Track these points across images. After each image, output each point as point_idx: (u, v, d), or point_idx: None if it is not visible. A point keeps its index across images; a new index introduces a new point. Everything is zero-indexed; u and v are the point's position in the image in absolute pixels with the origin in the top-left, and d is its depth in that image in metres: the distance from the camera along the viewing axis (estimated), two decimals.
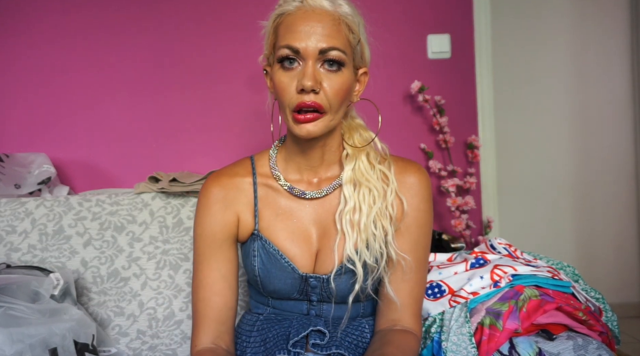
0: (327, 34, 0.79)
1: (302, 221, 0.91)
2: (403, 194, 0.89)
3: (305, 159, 0.90)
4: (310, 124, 0.80)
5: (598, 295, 1.11)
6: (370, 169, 0.89)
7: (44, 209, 1.35)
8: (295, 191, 0.91)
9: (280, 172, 0.92)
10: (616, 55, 2.51)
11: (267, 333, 0.92)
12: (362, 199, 0.86)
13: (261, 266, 0.90)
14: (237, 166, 0.96)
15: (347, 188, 0.87)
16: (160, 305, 1.32)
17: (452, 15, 1.87)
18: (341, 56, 0.80)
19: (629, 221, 2.56)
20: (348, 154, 0.90)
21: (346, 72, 0.82)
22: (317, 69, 0.80)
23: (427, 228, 0.92)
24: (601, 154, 2.53)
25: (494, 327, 0.94)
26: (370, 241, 0.85)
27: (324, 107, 0.80)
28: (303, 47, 0.78)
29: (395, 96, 1.85)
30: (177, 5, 1.77)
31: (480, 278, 1.02)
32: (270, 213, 0.92)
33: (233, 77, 1.78)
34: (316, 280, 0.89)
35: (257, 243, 0.91)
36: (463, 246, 1.58)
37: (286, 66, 0.81)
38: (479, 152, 1.85)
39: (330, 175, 0.92)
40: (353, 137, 0.91)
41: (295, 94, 0.79)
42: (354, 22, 0.83)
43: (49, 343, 0.92)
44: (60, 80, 1.73)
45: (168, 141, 1.77)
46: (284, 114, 0.84)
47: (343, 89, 0.81)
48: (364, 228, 0.85)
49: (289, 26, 0.81)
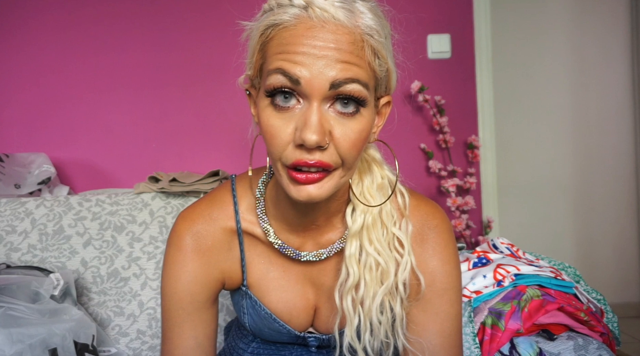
0: (342, 59, 0.54)
1: (296, 280, 0.75)
2: (420, 264, 0.69)
3: (300, 219, 0.70)
4: (314, 186, 0.57)
5: (599, 296, 1.11)
6: (382, 236, 0.68)
7: (44, 209, 1.35)
8: (288, 252, 0.72)
9: (269, 225, 0.72)
10: (616, 56, 2.51)
11: None
12: (369, 275, 0.67)
13: (252, 324, 0.77)
14: (215, 208, 0.74)
15: (351, 260, 0.67)
16: (160, 305, 1.31)
17: (452, 15, 1.87)
18: (362, 92, 0.56)
19: (629, 221, 2.56)
20: (354, 209, 0.69)
21: (366, 114, 0.58)
22: (326, 112, 0.56)
23: (453, 297, 0.70)
24: (601, 154, 2.53)
25: (496, 327, 0.94)
26: (376, 327, 0.67)
27: (333, 165, 0.57)
28: (306, 77, 0.54)
29: (395, 96, 1.83)
30: (177, 6, 1.77)
31: (483, 277, 1.02)
32: (259, 267, 0.74)
33: (233, 77, 1.77)
34: (315, 340, 0.78)
35: (246, 301, 0.76)
36: (463, 246, 1.58)
37: (278, 104, 0.56)
38: (479, 152, 1.85)
39: (332, 233, 0.72)
40: (363, 179, 0.70)
41: (292, 148, 0.56)
42: (380, 41, 0.58)
43: (49, 344, 0.92)
44: (60, 80, 1.72)
45: (168, 141, 1.77)
46: (274, 165, 0.60)
47: (361, 140, 0.58)
48: (367, 311, 0.67)
49: (284, 45, 0.56)
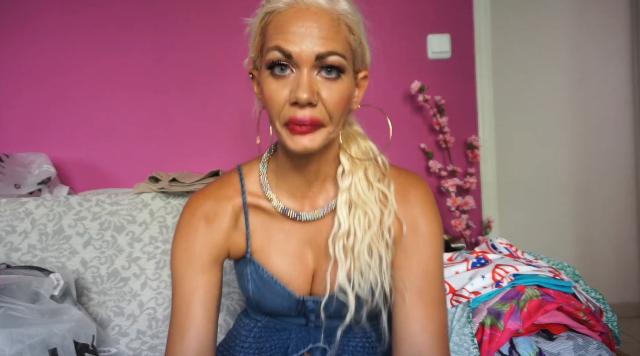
0: (324, 36, 0.69)
1: (296, 243, 0.84)
2: (403, 214, 0.81)
3: (299, 174, 0.81)
4: (307, 137, 0.71)
5: (598, 296, 1.11)
6: (368, 189, 0.81)
7: (44, 209, 1.35)
8: (290, 214, 0.83)
9: (272, 192, 0.84)
10: (616, 56, 2.51)
11: (264, 342, 0.88)
12: (357, 223, 0.79)
13: (255, 290, 0.85)
14: (224, 186, 0.86)
15: (342, 210, 0.79)
16: (160, 304, 1.31)
17: (452, 15, 1.87)
18: (341, 62, 0.71)
19: (629, 221, 2.56)
20: (344, 171, 0.81)
21: (346, 79, 0.72)
22: (314, 78, 0.70)
23: (434, 239, 0.81)
24: (601, 154, 2.53)
25: (495, 327, 0.94)
26: (365, 269, 0.77)
27: (322, 121, 0.71)
28: (297, 51, 0.69)
29: (395, 96, 1.85)
30: (177, 5, 1.77)
31: (481, 278, 1.02)
32: (262, 235, 0.85)
33: (233, 77, 1.78)
34: (313, 303, 0.85)
35: (249, 268, 0.85)
36: (463, 246, 1.58)
37: (276, 73, 0.71)
38: (479, 152, 1.84)
39: (326, 195, 0.84)
40: (350, 147, 0.83)
41: (288, 107, 0.70)
42: (354, 20, 0.73)
43: (48, 344, 0.92)
44: (60, 80, 1.72)
45: (168, 141, 1.77)
46: (274, 126, 0.74)
47: (344, 99, 0.72)
48: (357, 255, 0.77)
49: (279, 26, 0.71)
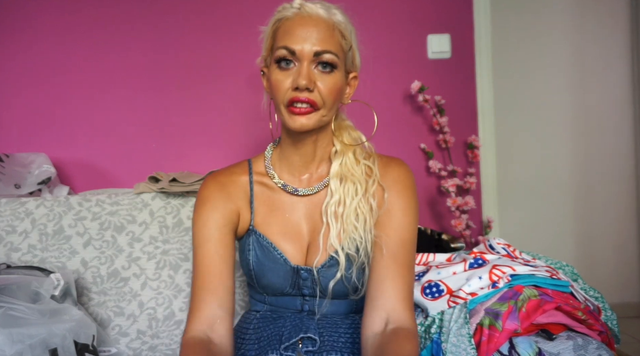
0: (321, 38, 0.86)
1: (294, 217, 0.97)
2: (385, 183, 0.94)
3: (298, 154, 0.96)
4: (304, 117, 0.86)
5: (597, 294, 1.11)
6: (356, 165, 0.95)
7: (44, 209, 1.35)
8: (289, 188, 0.97)
9: (274, 171, 0.99)
10: (616, 56, 2.51)
11: (262, 332, 0.95)
12: (347, 193, 0.92)
13: (255, 260, 0.95)
14: (235, 166, 1.03)
15: (334, 182, 0.94)
16: (160, 305, 1.32)
17: (452, 15, 1.87)
18: (334, 59, 0.87)
19: (629, 221, 2.56)
20: (337, 151, 0.96)
21: (338, 74, 0.89)
22: (312, 70, 0.86)
23: (410, 211, 0.94)
24: (601, 154, 2.53)
25: (493, 327, 0.94)
26: (351, 229, 0.90)
27: (317, 104, 0.86)
28: (299, 49, 0.85)
29: (395, 96, 1.85)
30: (177, 5, 1.77)
31: (478, 279, 1.02)
32: (265, 209, 0.98)
33: (233, 77, 1.78)
34: (307, 272, 0.94)
35: (252, 238, 0.96)
36: (463, 246, 1.58)
37: (283, 66, 0.87)
38: (479, 152, 1.84)
39: (321, 173, 0.98)
40: (342, 135, 0.98)
41: (291, 91, 0.86)
42: (346, 29, 0.90)
43: (49, 344, 0.93)
44: (60, 80, 1.73)
45: (168, 141, 1.77)
46: (278, 110, 0.89)
47: (335, 89, 0.88)
48: (346, 218, 0.91)
49: (286, 30, 0.88)
